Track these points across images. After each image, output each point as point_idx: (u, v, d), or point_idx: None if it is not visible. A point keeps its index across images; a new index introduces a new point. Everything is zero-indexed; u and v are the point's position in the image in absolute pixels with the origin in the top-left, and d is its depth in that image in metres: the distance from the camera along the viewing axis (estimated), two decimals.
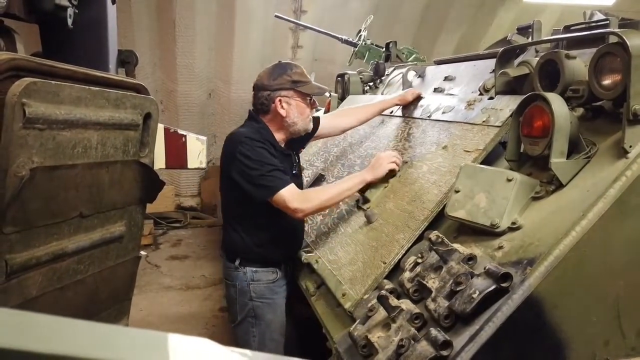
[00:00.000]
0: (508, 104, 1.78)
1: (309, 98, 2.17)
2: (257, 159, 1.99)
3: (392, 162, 2.08)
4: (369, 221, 1.98)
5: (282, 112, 2.12)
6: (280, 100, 2.12)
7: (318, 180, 2.72)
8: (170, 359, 0.32)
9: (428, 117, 2.26)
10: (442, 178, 1.81)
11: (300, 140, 2.39)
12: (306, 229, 2.40)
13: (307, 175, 2.83)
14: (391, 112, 2.61)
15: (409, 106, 2.50)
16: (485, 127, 1.82)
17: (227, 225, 2.25)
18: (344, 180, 2.11)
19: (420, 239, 1.70)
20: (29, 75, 1.33)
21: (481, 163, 1.72)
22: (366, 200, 2.11)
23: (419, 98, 2.48)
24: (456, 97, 2.21)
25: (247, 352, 0.37)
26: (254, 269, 2.18)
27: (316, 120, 2.46)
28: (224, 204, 2.25)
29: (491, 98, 1.93)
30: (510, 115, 1.70)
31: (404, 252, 1.70)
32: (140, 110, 1.76)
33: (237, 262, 2.19)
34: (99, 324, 0.34)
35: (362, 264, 1.82)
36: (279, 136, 2.20)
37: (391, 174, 2.09)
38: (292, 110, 2.14)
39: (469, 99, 2.06)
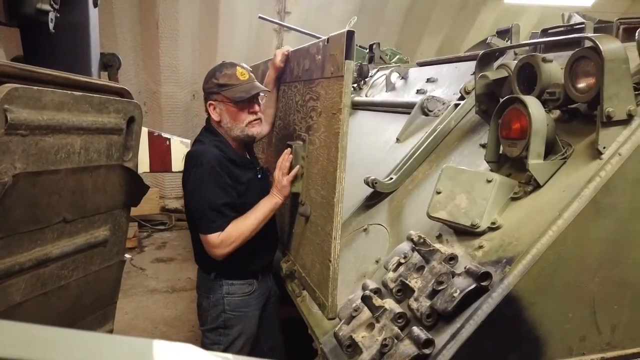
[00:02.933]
0: (338, 46, 1.64)
1: (236, 102, 2.03)
2: (200, 193, 1.96)
3: (287, 176, 1.99)
4: (305, 217, 1.93)
5: (215, 116, 2.07)
6: (211, 105, 2.06)
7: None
8: None
9: (299, 78, 2.10)
10: (330, 151, 1.72)
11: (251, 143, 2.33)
12: (278, 232, 2.37)
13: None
14: (277, 81, 2.40)
15: (285, 69, 2.31)
16: (336, 79, 1.69)
17: (198, 239, 2.17)
18: (259, 210, 2.03)
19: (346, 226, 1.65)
20: (10, 80, 1.32)
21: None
22: (297, 194, 2.04)
23: (288, 57, 2.28)
24: (307, 46, 2.01)
25: (229, 356, 0.38)
26: (231, 281, 2.15)
27: None
28: (188, 219, 2.18)
29: (328, 41, 1.76)
30: (347, 58, 1.60)
31: (339, 243, 1.65)
32: (124, 115, 1.75)
33: (212, 275, 2.16)
34: (83, 332, 0.35)
35: (319, 265, 1.79)
36: (233, 143, 2.13)
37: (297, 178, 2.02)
38: (224, 115, 2.06)
39: (316, 50, 1.88)
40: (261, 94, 2.18)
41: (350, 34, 1.57)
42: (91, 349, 0.34)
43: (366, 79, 3.57)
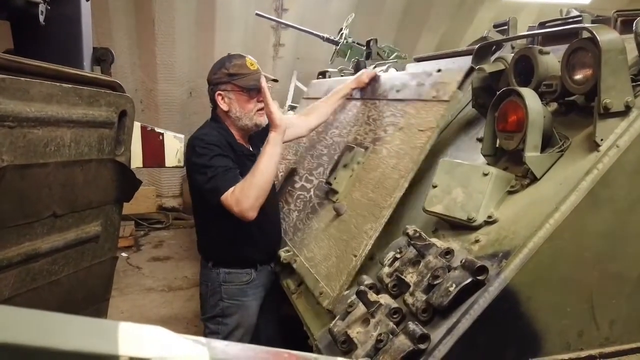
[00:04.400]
0: (454, 76, 1.79)
1: (247, 91, 2.07)
2: (204, 163, 1.95)
3: (270, 108, 1.95)
4: (338, 214, 1.96)
5: (224, 106, 2.09)
6: (220, 95, 2.09)
7: (291, 174, 2.69)
8: (120, 346, 0.31)
9: (384, 97, 2.23)
10: (400, 161, 1.80)
11: (265, 138, 2.35)
12: (283, 226, 2.39)
13: (281, 170, 2.80)
14: (350, 95, 2.56)
15: (366, 87, 2.45)
16: (435, 102, 1.82)
17: (199, 227, 2.24)
18: (260, 154, 1.97)
19: (387, 227, 1.70)
20: None
21: (442, 142, 1.77)
22: (334, 192, 2.08)
23: (374, 78, 2.44)
24: (408, 74, 2.18)
25: (201, 339, 0.36)
26: (227, 270, 2.16)
27: None
28: (193, 205, 2.22)
29: (439, 71, 1.92)
30: (458, 87, 1.75)
31: (373, 243, 1.69)
32: (115, 108, 1.73)
33: (211, 263, 2.19)
34: (49, 312, 0.33)
35: (336, 258, 1.81)
36: (237, 134, 2.15)
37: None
38: (233, 104, 2.09)
39: (419, 77, 2.03)
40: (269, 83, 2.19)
41: (470, 70, 1.74)
42: (57, 330, 0.31)
43: None
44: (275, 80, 2.23)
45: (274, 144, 1.95)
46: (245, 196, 1.86)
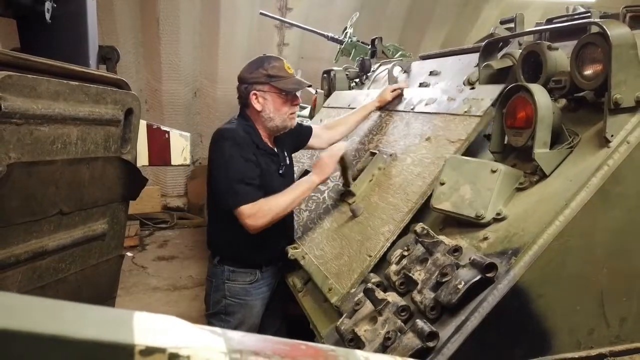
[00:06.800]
0: (489, 94, 1.79)
1: (284, 94, 2.09)
2: (227, 166, 1.97)
3: (335, 155, 2.05)
4: (354, 215, 1.98)
5: (258, 106, 2.09)
6: (255, 94, 2.08)
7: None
8: (136, 335, 0.30)
9: (412, 109, 2.27)
10: (425, 169, 1.82)
11: (291, 141, 2.35)
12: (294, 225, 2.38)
13: (294, 172, 2.81)
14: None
15: (392, 100, 2.48)
16: (467, 117, 1.83)
17: (211, 220, 2.26)
18: (294, 187, 2.06)
19: (405, 231, 1.70)
20: (3, 69, 1.29)
21: (464, 153, 1.73)
22: (351, 194, 2.10)
23: (399, 95, 2.46)
24: (439, 89, 2.22)
25: (217, 329, 0.35)
26: (232, 268, 2.17)
27: (308, 129, 2.45)
28: (208, 198, 2.22)
29: (472, 88, 1.95)
30: (492, 105, 1.72)
31: (389, 245, 1.69)
32: (122, 106, 1.72)
33: (217, 259, 2.19)
34: (63, 302, 0.33)
35: (348, 258, 1.81)
36: (263, 133, 2.16)
37: (342, 162, 2.08)
38: (268, 105, 2.09)
39: (450, 92, 2.07)
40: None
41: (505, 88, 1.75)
42: (73, 319, 0.31)
43: (368, 74, 3.53)
44: (310, 86, 2.24)
45: (310, 187, 2.04)
46: (263, 216, 1.93)
